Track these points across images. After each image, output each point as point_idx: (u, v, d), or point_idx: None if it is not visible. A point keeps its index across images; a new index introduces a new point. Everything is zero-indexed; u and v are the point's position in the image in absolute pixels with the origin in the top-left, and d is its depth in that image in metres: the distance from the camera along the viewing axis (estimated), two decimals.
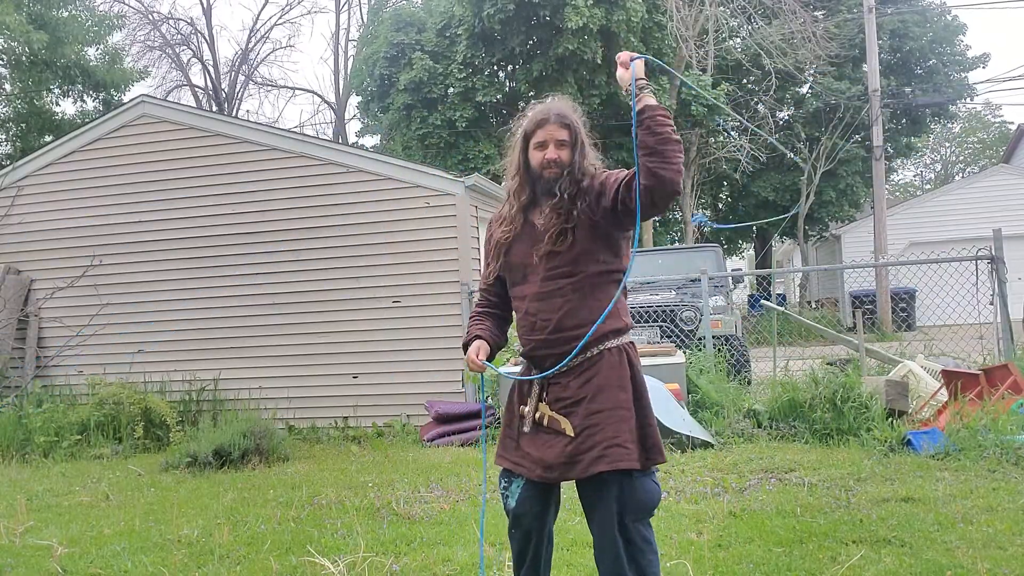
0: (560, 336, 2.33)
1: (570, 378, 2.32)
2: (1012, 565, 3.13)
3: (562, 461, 2.29)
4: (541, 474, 2.34)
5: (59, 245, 8.37)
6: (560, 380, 2.34)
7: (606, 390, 2.28)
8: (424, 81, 17.29)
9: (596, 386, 2.29)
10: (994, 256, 6.87)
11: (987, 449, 5.00)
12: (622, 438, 2.24)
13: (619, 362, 2.33)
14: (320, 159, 7.83)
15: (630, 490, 2.27)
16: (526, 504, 2.42)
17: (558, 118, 2.38)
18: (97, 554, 3.94)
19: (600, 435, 2.24)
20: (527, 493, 2.41)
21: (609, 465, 2.22)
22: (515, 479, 2.43)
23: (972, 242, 10.29)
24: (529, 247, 2.39)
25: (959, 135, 42.57)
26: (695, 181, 21.56)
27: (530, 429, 2.38)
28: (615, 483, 2.27)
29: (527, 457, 2.38)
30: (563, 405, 2.31)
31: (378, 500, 4.75)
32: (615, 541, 2.28)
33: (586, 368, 2.31)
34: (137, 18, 26.20)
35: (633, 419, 2.29)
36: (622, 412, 2.28)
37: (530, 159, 2.42)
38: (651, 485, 2.33)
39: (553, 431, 2.32)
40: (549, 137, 2.38)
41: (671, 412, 5.83)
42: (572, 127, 2.39)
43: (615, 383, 2.30)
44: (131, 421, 7.21)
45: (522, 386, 2.47)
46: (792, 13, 18.24)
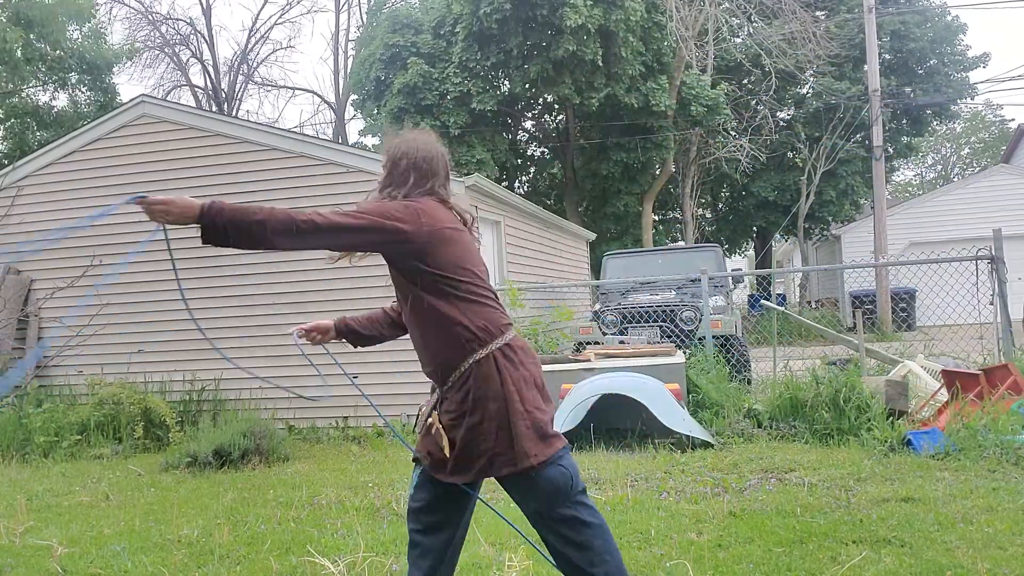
0: (425, 358, 2.52)
1: (453, 393, 2.44)
2: (1012, 565, 3.13)
3: (451, 467, 2.43)
4: (431, 469, 2.49)
5: (59, 245, 8.37)
6: (448, 395, 2.46)
7: (481, 402, 2.38)
8: (418, 86, 17.23)
9: (473, 400, 2.39)
10: (994, 256, 6.87)
11: (987, 449, 5.00)
12: (501, 447, 2.36)
13: (488, 374, 2.40)
14: (320, 159, 7.83)
15: (532, 487, 2.38)
16: (420, 491, 2.58)
17: (384, 153, 2.62)
18: (97, 554, 3.94)
19: (484, 445, 2.37)
20: (423, 479, 2.56)
21: (497, 472, 2.37)
22: (417, 467, 2.60)
23: (972, 242, 10.30)
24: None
25: (959, 135, 42.58)
26: (695, 181, 21.58)
27: (422, 430, 2.55)
28: (515, 484, 2.41)
29: (425, 449, 2.53)
30: (451, 418, 2.44)
31: (378, 500, 4.75)
32: (540, 533, 2.44)
33: (461, 384, 2.42)
34: (136, 18, 26.23)
35: (504, 430, 2.38)
36: (490, 424, 2.37)
37: None
38: (553, 473, 2.38)
39: (434, 440, 2.46)
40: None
41: (671, 412, 5.83)
42: (392, 159, 2.56)
43: (488, 394, 2.39)
44: (131, 421, 7.21)
45: (432, 390, 2.63)
46: (792, 13, 18.25)
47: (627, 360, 6.65)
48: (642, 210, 19.67)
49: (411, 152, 2.53)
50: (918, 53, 21.37)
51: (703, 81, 18.57)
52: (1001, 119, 40.84)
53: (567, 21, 15.16)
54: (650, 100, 17.10)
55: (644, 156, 18.63)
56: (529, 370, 2.48)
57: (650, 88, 17.14)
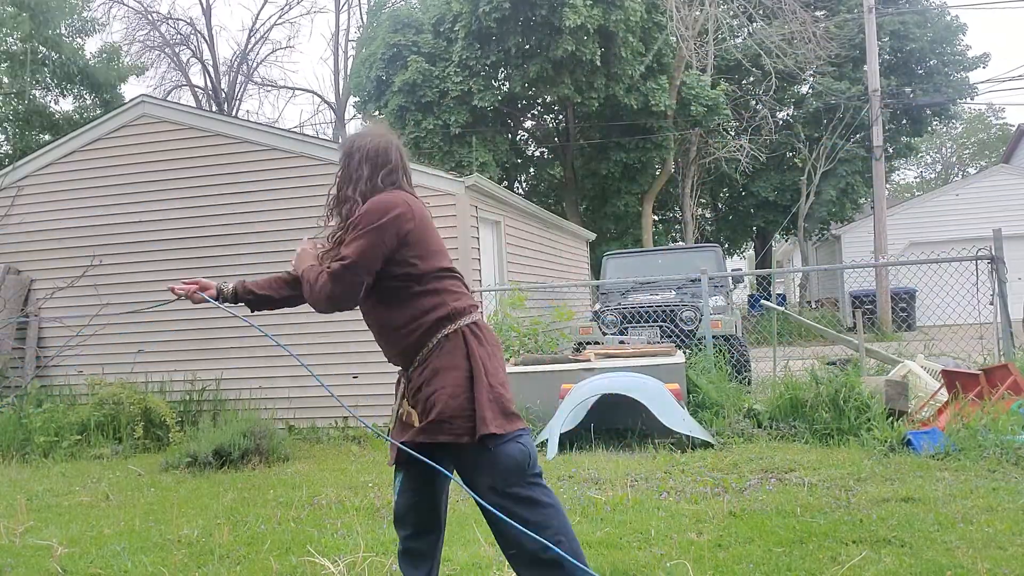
0: (393, 340, 2.55)
1: (419, 371, 2.48)
2: (1012, 565, 3.13)
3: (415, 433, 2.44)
4: (396, 454, 2.52)
5: (59, 245, 8.37)
6: (412, 375, 2.51)
7: (441, 372, 2.43)
8: (418, 83, 17.22)
9: (432, 370, 2.44)
10: (994, 256, 6.87)
11: (987, 449, 5.00)
12: (450, 414, 2.38)
13: (455, 346, 2.45)
14: (320, 159, 7.83)
15: (487, 461, 2.38)
16: (404, 496, 2.61)
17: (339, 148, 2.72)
18: (97, 554, 3.94)
19: (434, 412, 2.39)
20: (406, 485, 2.59)
21: (430, 438, 2.39)
22: (398, 473, 2.62)
23: (972, 242, 10.30)
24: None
25: (959, 135, 42.59)
26: (695, 181, 21.58)
27: (394, 424, 2.59)
28: (469, 458, 2.41)
29: (395, 449, 2.55)
30: (412, 395, 2.49)
31: (378, 500, 4.75)
32: (489, 512, 2.40)
33: (427, 359, 2.46)
34: (136, 18, 26.23)
35: (465, 395, 2.40)
36: (453, 389, 2.40)
37: None
38: (512, 449, 2.40)
39: (409, 425, 2.48)
40: None
41: (671, 412, 5.83)
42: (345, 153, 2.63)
43: (449, 365, 2.43)
44: (131, 421, 7.21)
45: (396, 387, 2.65)
46: (792, 13, 18.24)
47: (627, 360, 6.65)
48: (642, 210, 19.67)
49: (362, 145, 2.58)
50: (918, 53, 21.37)
51: (703, 81, 18.56)
52: (1002, 120, 40.88)
53: (566, 21, 15.15)
54: (650, 100, 17.10)
55: (644, 156, 18.63)
56: (494, 350, 2.54)
57: (650, 88, 17.14)
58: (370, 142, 2.59)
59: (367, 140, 2.60)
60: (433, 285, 2.49)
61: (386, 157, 2.58)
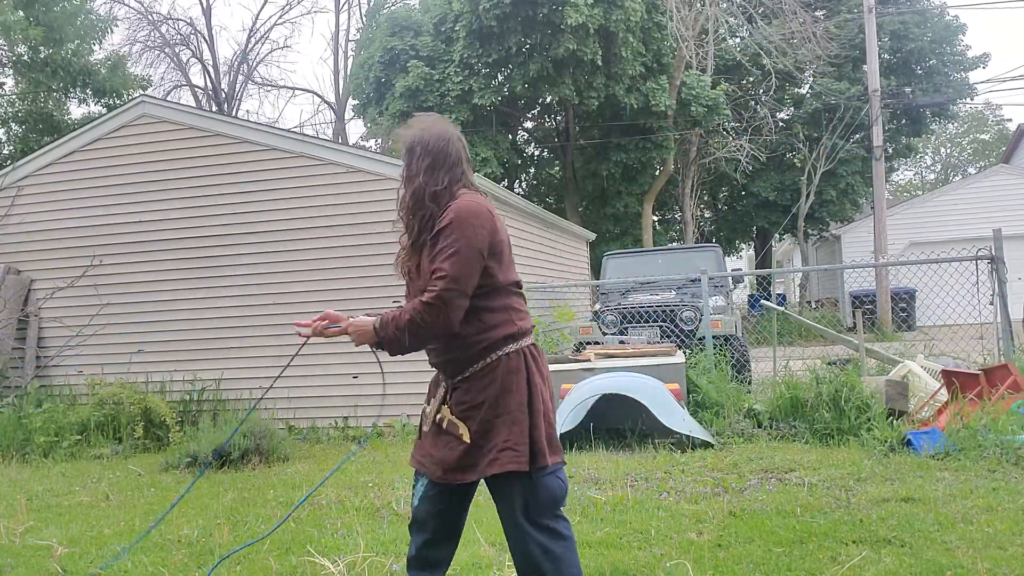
0: (446, 348, 2.42)
1: (471, 383, 2.39)
2: (1012, 565, 3.13)
3: (462, 464, 2.36)
4: (441, 475, 2.41)
5: (59, 245, 8.37)
6: (462, 385, 2.41)
7: (503, 395, 2.35)
8: (420, 88, 17.24)
9: (494, 392, 2.35)
10: (994, 256, 6.87)
11: (987, 449, 5.00)
12: (513, 441, 2.32)
13: (516, 367, 2.38)
14: (320, 159, 7.83)
15: (530, 489, 2.34)
16: (425, 503, 2.51)
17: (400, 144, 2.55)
18: (97, 554, 3.94)
19: (496, 439, 2.32)
20: (429, 492, 2.49)
21: (500, 468, 2.30)
22: (420, 477, 2.52)
23: (972, 242, 10.30)
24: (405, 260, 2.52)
25: (958, 135, 42.59)
26: (695, 181, 21.58)
27: (429, 429, 2.47)
28: (514, 483, 2.34)
29: (427, 457, 2.47)
30: (463, 409, 2.38)
31: (378, 500, 4.75)
32: (518, 536, 2.38)
33: (485, 374, 2.37)
34: (136, 18, 26.23)
35: (526, 421, 2.35)
36: (515, 415, 2.34)
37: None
38: (552, 482, 2.38)
39: (451, 434, 2.39)
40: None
41: (671, 412, 5.83)
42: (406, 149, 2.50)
43: (511, 387, 2.36)
44: (131, 421, 7.21)
45: (431, 387, 2.58)
46: (792, 13, 18.24)
47: (627, 360, 6.65)
48: (642, 210, 19.67)
49: (423, 137, 2.47)
50: (918, 53, 21.37)
51: (703, 81, 18.56)
52: (1000, 119, 40.88)
53: (567, 20, 15.16)
54: (650, 100, 17.10)
55: (644, 156, 18.63)
56: (547, 375, 2.48)
57: (650, 88, 17.14)
58: (431, 134, 2.48)
59: (427, 132, 2.48)
60: (504, 301, 2.42)
61: (447, 148, 2.45)
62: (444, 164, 2.43)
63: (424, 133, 2.47)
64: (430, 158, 2.43)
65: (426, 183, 2.41)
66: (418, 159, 2.45)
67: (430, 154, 2.44)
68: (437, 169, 2.42)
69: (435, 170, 2.42)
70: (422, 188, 2.41)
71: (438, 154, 2.44)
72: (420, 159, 2.44)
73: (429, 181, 2.41)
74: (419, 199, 2.42)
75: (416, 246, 2.44)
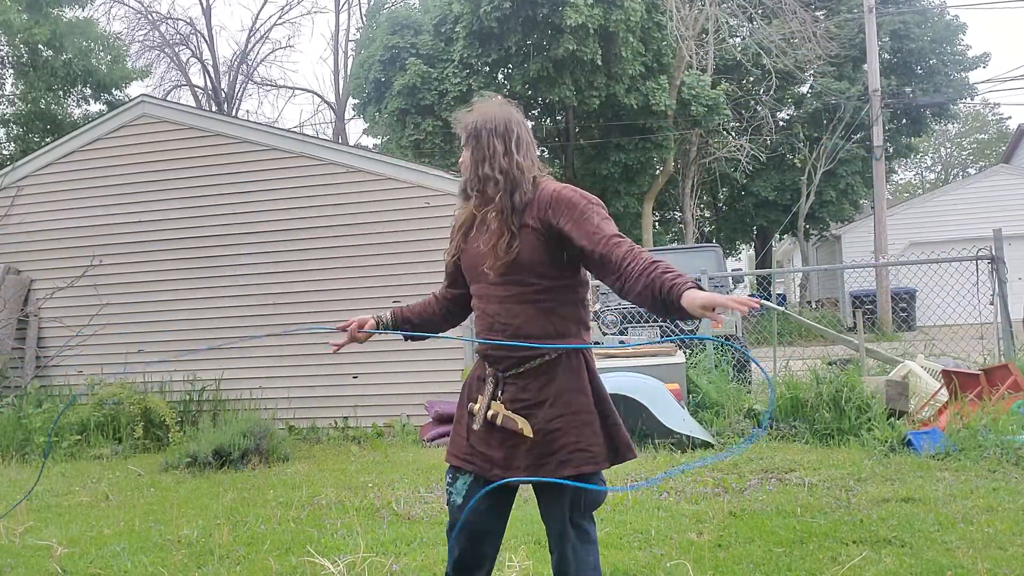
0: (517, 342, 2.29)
1: (528, 380, 2.30)
2: (1012, 565, 3.13)
3: (526, 463, 2.28)
4: (499, 473, 2.31)
5: (59, 245, 8.37)
6: (517, 381, 2.31)
7: (566, 394, 2.28)
8: (418, 86, 17.23)
9: (556, 390, 2.28)
10: (994, 256, 6.87)
11: (987, 449, 5.00)
12: (586, 442, 2.26)
13: (577, 366, 2.32)
14: (320, 159, 7.83)
15: (580, 490, 2.28)
16: (468, 501, 2.38)
17: (464, 138, 2.40)
18: (97, 554, 3.94)
19: (564, 439, 2.25)
20: (476, 489, 2.36)
21: (575, 470, 2.24)
22: (461, 476, 2.41)
23: (972, 242, 10.29)
24: (483, 248, 2.36)
25: (958, 135, 42.59)
26: (695, 181, 21.58)
27: (480, 426, 2.35)
28: (564, 486, 2.27)
29: (478, 455, 2.36)
30: (522, 406, 2.29)
31: (378, 500, 4.75)
32: (562, 536, 2.33)
33: (544, 371, 2.29)
34: (136, 18, 26.23)
35: (597, 422, 2.30)
36: (585, 416, 2.28)
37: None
38: (601, 483, 2.36)
39: (507, 431, 2.30)
40: (465, 157, 2.42)
41: (671, 412, 5.83)
42: (473, 142, 2.37)
43: (575, 387, 2.30)
44: (131, 421, 7.20)
45: (472, 382, 2.46)
46: (792, 13, 18.24)
47: (627, 360, 6.65)
48: (642, 210, 19.67)
49: (487, 120, 2.37)
50: (918, 53, 21.38)
51: (703, 81, 18.56)
52: (999, 119, 40.87)
53: (567, 20, 15.16)
54: (650, 100, 17.10)
55: (644, 156, 18.63)
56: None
57: (650, 88, 17.14)
58: (495, 117, 2.37)
59: (490, 114, 2.38)
60: (579, 294, 2.35)
61: (513, 128, 2.37)
62: (510, 144, 2.36)
63: (488, 116, 2.39)
64: (500, 142, 2.35)
65: (521, 161, 2.34)
66: (485, 143, 2.35)
67: (497, 137, 2.35)
68: (508, 151, 2.34)
69: (506, 152, 2.34)
70: (519, 166, 2.33)
71: (505, 137, 2.36)
72: (488, 143, 2.35)
73: (524, 160, 2.35)
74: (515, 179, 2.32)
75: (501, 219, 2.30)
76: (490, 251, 2.30)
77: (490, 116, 2.38)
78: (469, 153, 2.39)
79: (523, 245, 2.27)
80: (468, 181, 2.41)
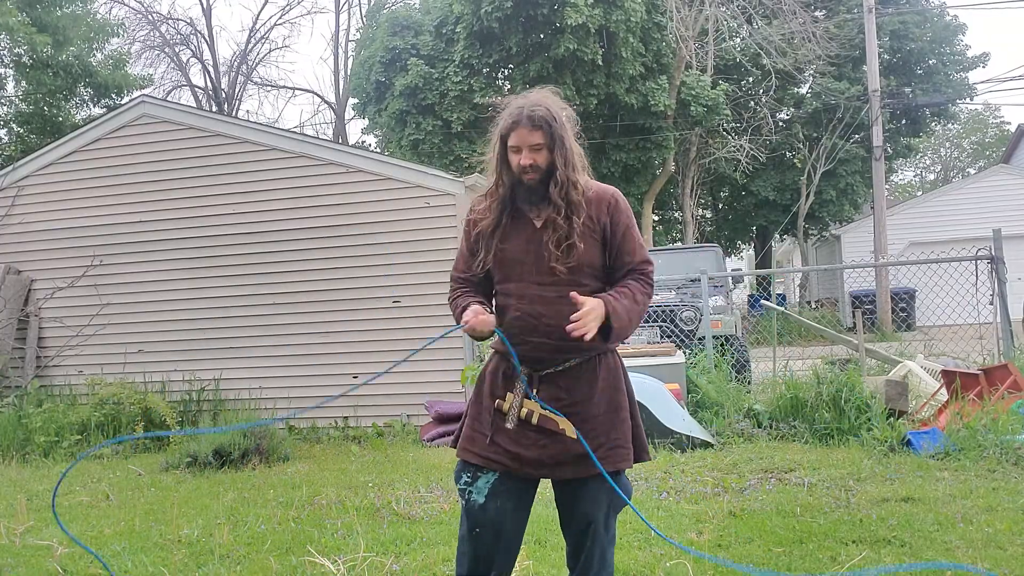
0: (563, 343, 2.25)
1: (567, 379, 2.28)
2: (1012, 565, 3.13)
3: (566, 461, 2.26)
4: (531, 472, 2.29)
5: (59, 245, 8.37)
6: (554, 380, 2.29)
7: (606, 392, 2.30)
8: (419, 87, 17.26)
9: (597, 389, 2.29)
10: (994, 256, 6.87)
11: (987, 449, 5.00)
12: (622, 439, 2.29)
13: (615, 365, 2.36)
14: (320, 159, 7.83)
15: (614, 489, 2.29)
16: (498, 500, 2.31)
17: (529, 121, 2.23)
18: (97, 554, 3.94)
19: (603, 436, 2.26)
20: (501, 487, 2.30)
21: (613, 466, 2.26)
22: (483, 474, 2.32)
23: (972, 242, 10.29)
24: (526, 246, 2.30)
25: (958, 135, 42.58)
26: (695, 181, 21.58)
27: (513, 426, 2.29)
28: (605, 484, 2.26)
29: (504, 453, 2.29)
30: (562, 405, 2.26)
31: (378, 500, 4.75)
32: (597, 537, 2.31)
33: (584, 371, 2.29)
34: (136, 18, 26.21)
35: (629, 420, 2.33)
36: (622, 414, 2.31)
37: (509, 161, 2.31)
38: (627, 480, 2.40)
39: (544, 430, 2.26)
40: (522, 142, 2.25)
41: (671, 412, 5.83)
42: (546, 127, 2.24)
43: (613, 385, 2.32)
44: (131, 421, 7.21)
45: (495, 379, 2.38)
46: (792, 13, 18.24)
47: (627, 360, 6.64)
48: (642, 210, 19.67)
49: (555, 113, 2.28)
50: (918, 53, 21.37)
51: (703, 81, 18.56)
52: (1000, 120, 40.86)
53: (567, 20, 15.17)
54: (650, 100, 17.10)
55: (644, 156, 18.63)
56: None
57: (650, 88, 17.14)
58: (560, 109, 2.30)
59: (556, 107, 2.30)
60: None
61: (573, 125, 2.32)
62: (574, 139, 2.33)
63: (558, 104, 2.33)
64: (569, 135, 2.29)
65: (577, 156, 2.29)
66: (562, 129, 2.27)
67: (568, 129, 2.29)
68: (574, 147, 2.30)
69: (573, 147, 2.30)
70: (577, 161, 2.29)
71: (571, 129, 2.32)
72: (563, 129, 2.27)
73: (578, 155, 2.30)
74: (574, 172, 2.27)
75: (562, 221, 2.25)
76: (552, 251, 2.24)
77: (557, 108, 2.29)
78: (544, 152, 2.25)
79: (585, 246, 2.26)
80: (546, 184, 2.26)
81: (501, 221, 2.35)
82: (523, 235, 2.32)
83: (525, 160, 2.25)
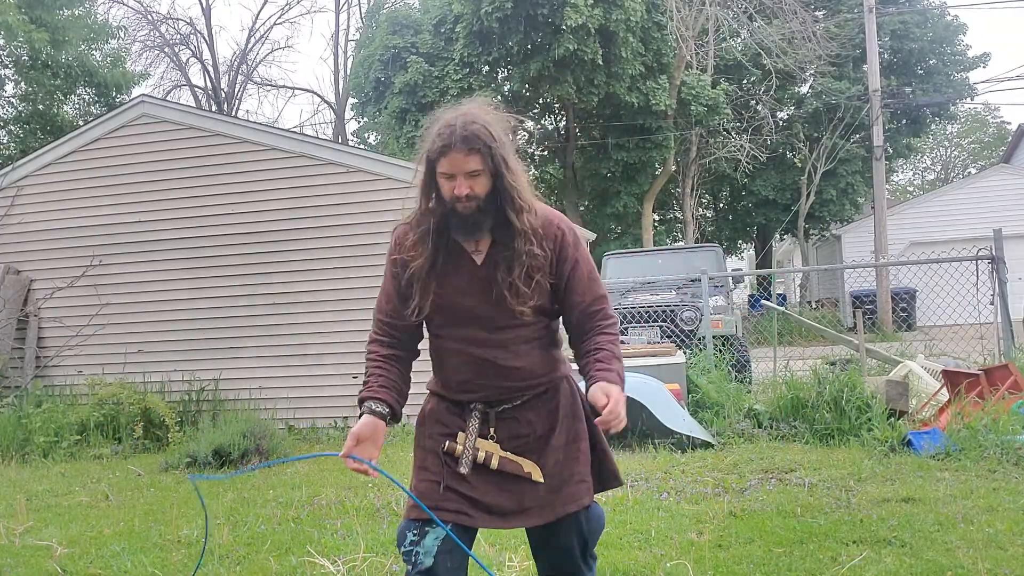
0: (518, 384, 2.07)
1: (526, 412, 2.07)
2: (1012, 565, 3.13)
3: (532, 506, 2.05)
4: (498, 523, 2.04)
5: (59, 245, 8.37)
6: (513, 415, 2.07)
7: (566, 421, 2.10)
8: (419, 84, 17.27)
9: (555, 419, 2.09)
10: (994, 256, 6.87)
11: (987, 449, 4.99)
12: (583, 472, 2.09)
13: (570, 391, 2.15)
14: (320, 159, 7.83)
15: (587, 521, 2.12)
16: (446, 560, 1.98)
17: (463, 143, 1.89)
18: (97, 554, 3.94)
19: (566, 473, 2.06)
20: (449, 546, 1.98)
21: (578, 505, 2.06)
22: (432, 529, 1.99)
23: (972, 242, 10.29)
24: (468, 286, 2.03)
25: (958, 135, 42.59)
26: (695, 180, 21.58)
27: (468, 470, 2.03)
28: (579, 518, 2.10)
29: (463, 500, 2.02)
30: (522, 443, 2.05)
31: (378, 500, 4.75)
32: (575, 572, 2.16)
33: (543, 400, 2.09)
34: (136, 18, 26.22)
35: (588, 449, 2.14)
36: (582, 444, 2.11)
37: (440, 188, 2.00)
38: (599, 510, 2.18)
39: (505, 474, 2.03)
40: (456, 168, 1.92)
41: (671, 412, 5.82)
42: (485, 150, 1.91)
43: (572, 413, 2.12)
44: (130, 421, 7.21)
45: (435, 419, 2.16)
46: (792, 13, 18.24)
47: (627, 360, 6.64)
48: (642, 210, 19.68)
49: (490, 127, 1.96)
50: (918, 53, 21.37)
51: (703, 81, 18.57)
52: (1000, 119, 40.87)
53: (567, 20, 15.17)
54: (650, 100, 17.11)
55: (644, 156, 18.64)
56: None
57: (650, 88, 17.15)
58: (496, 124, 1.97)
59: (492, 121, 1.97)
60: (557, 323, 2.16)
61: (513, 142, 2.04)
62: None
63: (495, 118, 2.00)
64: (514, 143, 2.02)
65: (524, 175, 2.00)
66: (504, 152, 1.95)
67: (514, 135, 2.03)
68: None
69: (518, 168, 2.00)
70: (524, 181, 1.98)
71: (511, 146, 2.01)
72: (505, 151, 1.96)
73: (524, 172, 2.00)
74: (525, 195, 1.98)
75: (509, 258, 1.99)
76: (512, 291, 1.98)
77: (495, 123, 1.97)
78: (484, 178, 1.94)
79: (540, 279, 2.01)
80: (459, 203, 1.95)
81: (436, 260, 2.04)
82: (463, 273, 2.04)
83: (461, 189, 1.93)
